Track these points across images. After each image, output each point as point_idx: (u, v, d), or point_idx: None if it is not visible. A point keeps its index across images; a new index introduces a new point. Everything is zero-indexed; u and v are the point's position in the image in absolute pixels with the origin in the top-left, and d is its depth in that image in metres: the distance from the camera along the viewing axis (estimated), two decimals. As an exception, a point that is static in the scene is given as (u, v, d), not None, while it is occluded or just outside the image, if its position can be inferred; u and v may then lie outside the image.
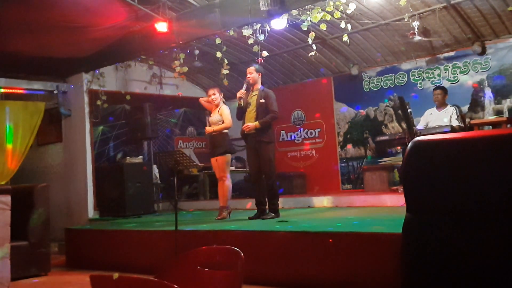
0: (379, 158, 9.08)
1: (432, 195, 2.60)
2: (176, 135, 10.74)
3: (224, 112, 6.72)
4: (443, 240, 2.53)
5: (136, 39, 7.97)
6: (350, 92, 9.57)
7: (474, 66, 8.08)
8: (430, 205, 2.62)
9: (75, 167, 9.27)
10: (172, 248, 5.39)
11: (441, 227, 2.55)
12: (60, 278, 6.21)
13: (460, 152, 2.55)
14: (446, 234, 2.52)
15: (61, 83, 9.40)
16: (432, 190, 2.60)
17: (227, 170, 6.72)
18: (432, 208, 2.61)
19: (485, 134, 2.62)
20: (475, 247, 2.42)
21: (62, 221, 8.56)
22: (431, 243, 2.56)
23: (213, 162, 6.84)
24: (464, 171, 2.51)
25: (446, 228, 2.53)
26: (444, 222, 2.54)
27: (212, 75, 10.28)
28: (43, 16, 6.96)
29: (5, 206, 5.18)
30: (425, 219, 2.62)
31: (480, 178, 2.44)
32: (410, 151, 2.65)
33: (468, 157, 2.52)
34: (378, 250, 4.26)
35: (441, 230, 2.55)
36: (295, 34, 8.56)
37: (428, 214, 2.62)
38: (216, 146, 6.73)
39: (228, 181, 6.71)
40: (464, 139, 2.60)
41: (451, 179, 2.55)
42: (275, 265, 4.92)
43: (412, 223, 2.65)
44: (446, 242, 2.51)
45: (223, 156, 6.67)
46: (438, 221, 2.56)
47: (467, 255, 2.44)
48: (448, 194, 2.55)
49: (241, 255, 2.58)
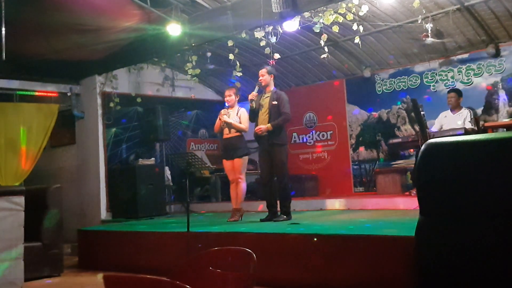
0: (391, 161, 9.03)
1: (445, 198, 2.58)
2: (188, 137, 10.78)
3: (243, 116, 6.72)
4: (456, 243, 2.50)
5: (148, 42, 8.01)
6: (362, 94, 9.54)
7: (488, 69, 8.02)
8: (444, 207, 2.60)
9: (88, 168, 9.33)
10: (184, 250, 5.40)
11: (455, 230, 2.52)
12: (73, 279, 6.25)
13: (474, 155, 2.52)
14: (460, 237, 2.50)
15: (75, 86, 9.47)
16: (446, 193, 2.58)
17: (243, 172, 6.74)
18: (446, 211, 2.58)
19: (499, 137, 2.59)
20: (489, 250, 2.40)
21: (75, 222, 8.61)
22: (444, 246, 2.54)
23: (227, 164, 6.81)
24: (478, 173, 2.49)
25: (460, 231, 2.51)
26: (458, 225, 2.52)
27: (224, 77, 10.30)
28: (57, 19, 7.02)
29: (19, 207, 5.23)
30: (439, 222, 2.59)
31: (494, 180, 2.42)
32: (423, 153, 2.62)
33: (482, 160, 2.50)
34: (391, 253, 4.24)
35: (455, 233, 2.52)
36: (307, 36, 8.55)
37: (441, 216, 2.59)
38: (233, 148, 6.72)
39: (244, 183, 6.72)
40: (478, 142, 2.57)
41: (464, 182, 2.52)
42: (287, 267, 4.91)
43: (425, 226, 2.63)
44: (459, 245, 2.49)
45: (240, 158, 6.68)
46: (452, 224, 2.54)
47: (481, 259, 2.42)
48: (462, 196, 2.53)
49: (253, 256, 2.57)
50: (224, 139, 6.86)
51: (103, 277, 2.11)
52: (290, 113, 6.41)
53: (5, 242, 5.08)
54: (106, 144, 9.29)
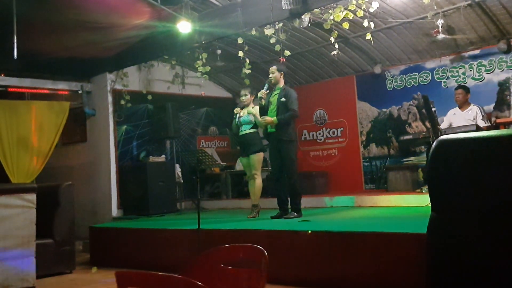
0: (402, 158, 8.99)
1: (457, 194, 2.57)
2: (199, 134, 10.79)
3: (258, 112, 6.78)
4: (468, 239, 2.49)
5: (159, 39, 8.03)
6: (373, 91, 9.50)
7: (499, 64, 7.95)
8: (456, 204, 2.58)
9: (99, 166, 9.38)
10: (194, 247, 5.42)
11: (467, 226, 2.51)
12: (85, 276, 6.29)
13: (485, 151, 2.51)
14: (472, 234, 2.48)
15: (86, 83, 9.53)
16: (458, 189, 2.56)
17: (258, 168, 6.80)
18: (458, 207, 2.57)
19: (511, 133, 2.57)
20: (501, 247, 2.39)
21: (87, 219, 8.66)
22: (456, 242, 2.53)
23: (243, 161, 6.95)
24: (490, 169, 2.47)
25: (472, 228, 2.49)
26: (469, 222, 2.50)
27: (234, 74, 10.30)
28: (68, 17, 7.05)
29: (31, 204, 5.28)
30: (451, 219, 2.58)
31: (507, 177, 2.40)
32: (435, 149, 2.61)
33: (494, 156, 2.48)
34: (402, 250, 4.23)
35: (467, 230, 2.51)
36: (318, 33, 8.52)
37: (453, 213, 2.58)
38: (250, 144, 6.79)
39: (260, 179, 6.79)
40: (490, 138, 2.55)
41: (477, 178, 2.51)
42: (297, 264, 4.91)
43: (437, 222, 2.61)
44: (471, 241, 2.48)
45: (255, 155, 6.75)
46: (464, 220, 2.53)
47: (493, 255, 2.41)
48: (474, 193, 2.51)
49: (264, 253, 2.57)
50: (240, 136, 6.94)
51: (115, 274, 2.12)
52: (297, 110, 6.42)
53: (17, 239, 5.14)
54: (117, 141, 9.34)
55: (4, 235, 5.04)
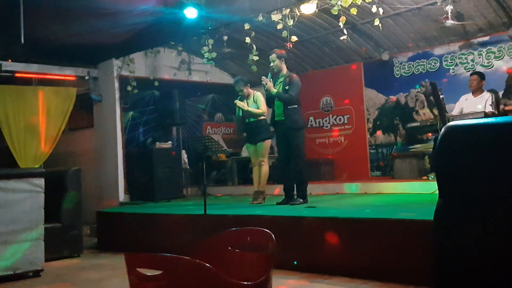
0: (409, 145, 8.96)
1: (465, 181, 2.55)
2: (205, 121, 10.80)
3: (260, 99, 6.81)
4: (476, 226, 2.49)
5: (165, 25, 8.00)
6: (380, 78, 9.45)
7: (509, 51, 7.88)
8: (463, 191, 2.57)
9: (106, 151, 9.42)
10: (201, 232, 5.45)
11: (475, 213, 2.50)
12: (92, 260, 6.34)
13: (494, 137, 2.49)
14: (480, 221, 2.48)
15: (92, 69, 9.53)
16: (465, 176, 2.55)
17: (266, 155, 6.83)
18: (465, 194, 2.56)
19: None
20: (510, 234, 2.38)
21: (94, 204, 8.72)
22: (463, 229, 2.52)
23: (250, 148, 6.95)
24: (498, 156, 2.46)
25: (480, 215, 2.49)
26: (477, 208, 2.50)
27: (241, 61, 10.27)
28: (75, 3, 7.04)
29: (39, 189, 5.32)
30: (458, 205, 2.57)
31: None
32: (443, 136, 2.60)
33: (503, 143, 2.47)
34: (408, 236, 4.23)
35: (474, 217, 2.51)
36: (325, 19, 8.47)
37: (461, 200, 2.57)
38: (255, 132, 6.82)
39: (266, 166, 6.82)
40: (498, 124, 2.54)
41: (485, 165, 2.50)
42: (303, 250, 4.93)
43: (444, 209, 2.61)
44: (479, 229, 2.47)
45: (262, 142, 6.78)
46: (472, 207, 2.52)
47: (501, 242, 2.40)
48: (481, 179, 2.50)
49: (272, 237, 2.58)
50: (247, 123, 6.94)
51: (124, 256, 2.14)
52: (294, 96, 6.35)
53: (26, 223, 5.18)
54: (123, 127, 9.37)
55: (13, 219, 5.08)
